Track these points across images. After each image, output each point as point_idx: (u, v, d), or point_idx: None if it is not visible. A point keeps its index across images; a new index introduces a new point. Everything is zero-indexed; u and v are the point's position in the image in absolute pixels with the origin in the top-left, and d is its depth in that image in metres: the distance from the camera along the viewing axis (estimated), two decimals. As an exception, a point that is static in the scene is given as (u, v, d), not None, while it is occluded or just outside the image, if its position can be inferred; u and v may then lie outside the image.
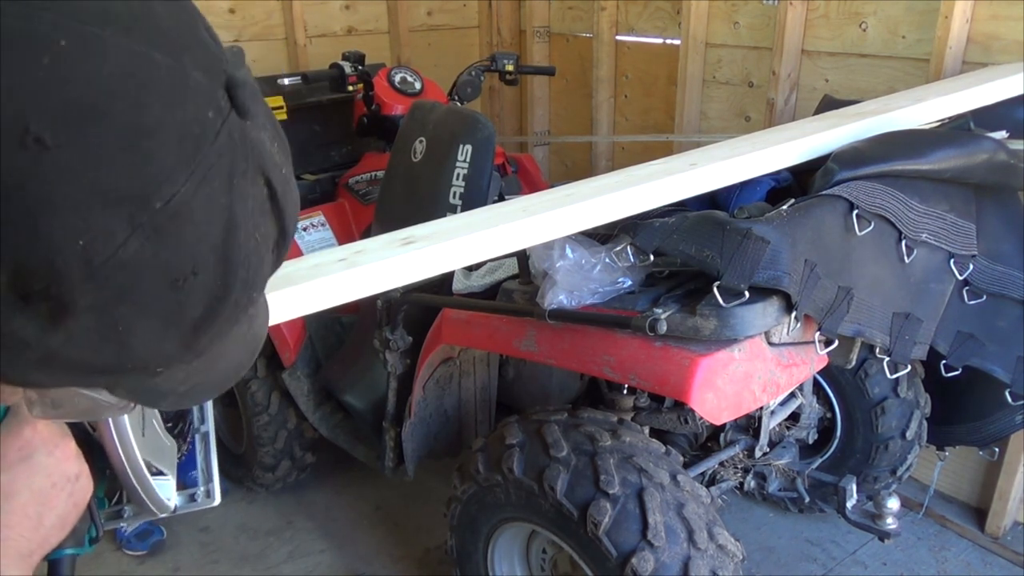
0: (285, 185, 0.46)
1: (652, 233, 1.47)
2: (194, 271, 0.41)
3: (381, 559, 2.44)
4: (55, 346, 0.39)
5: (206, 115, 0.40)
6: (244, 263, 0.43)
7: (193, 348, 0.45)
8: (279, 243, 0.48)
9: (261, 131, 0.44)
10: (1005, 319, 1.75)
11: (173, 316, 0.42)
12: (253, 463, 2.57)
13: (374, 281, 1.07)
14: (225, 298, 0.44)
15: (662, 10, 3.18)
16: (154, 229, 0.39)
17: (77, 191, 0.37)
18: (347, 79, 2.66)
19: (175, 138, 0.39)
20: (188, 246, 0.40)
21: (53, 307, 0.38)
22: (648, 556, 1.47)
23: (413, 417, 2.03)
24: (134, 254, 0.38)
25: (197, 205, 0.40)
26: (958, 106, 1.84)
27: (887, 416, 2.17)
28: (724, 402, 1.47)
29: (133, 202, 0.38)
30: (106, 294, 0.39)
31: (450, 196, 2.08)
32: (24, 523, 0.62)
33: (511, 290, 1.74)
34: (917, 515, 2.50)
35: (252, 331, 0.53)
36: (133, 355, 0.42)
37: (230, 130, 0.41)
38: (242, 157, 0.42)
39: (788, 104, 2.71)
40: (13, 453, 0.64)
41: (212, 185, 0.40)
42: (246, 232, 0.43)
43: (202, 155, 0.40)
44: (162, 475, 0.93)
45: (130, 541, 2.45)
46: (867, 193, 1.50)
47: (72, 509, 0.67)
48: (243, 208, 0.43)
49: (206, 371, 0.50)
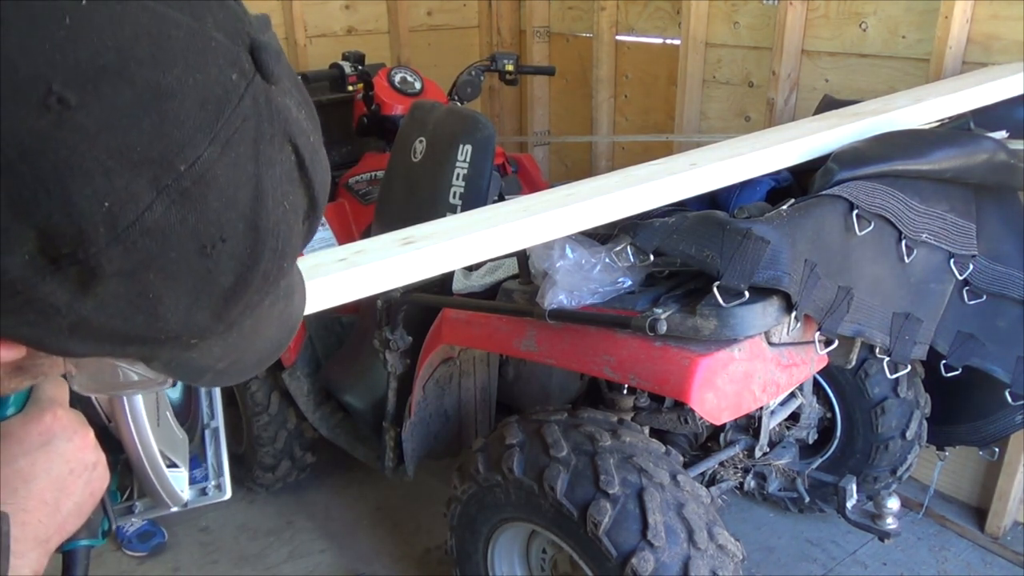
0: (313, 153, 0.46)
1: (652, 233, 1.47)
2: (222, 238, 0.41)
3: (381, 559, 2.44)
4: (86, 313, 0.39)
5: (229, 77, 0.40)
6: (273, 231, 0.43)
7: (224, 319, 0.44)
8: (309, 214, 0.47)
9: (287, 97, 0.44)
10: (1005, 319, 1.75)
11: (203, 284, 0.42)
12: (253, 463, 2.57)
13: (374, 281, 1.08)
14: (255, 267, 0.43)
15: (662, 10, 3.18)
16: (180, 193, 0.38)
17: (100, 152, 0.37)
18: (347, 79, 2.66)
19: (197, 100, 0.39)
20: (215, 212, 0.40)
21: (82, 272, 0.38)
22: (648, 556, 1.47)
23: (413, 417, 2.03)
24: (160, 218, 0.38)
25: (222, 170, 0.40)
26: (958, 106, 1.84)
27: (887, 416, 2.17)
28: (724, 402, 1.47)
29: (156, 164, 0.38)
30: (134, 259, 0.39)
31: (450, 196, 2.08)
32: (42, 508, 0.62)
33: (511, 290, 1.75)
34: (917, 515, 2.50)
35: (289, 308, 0.52)
36: (165, 325, 0.42)
37: (254, 94, 0.41)
38: (268, 122, 0.42)
39: (788, 104, 2.71)
40: (34, 438, 0.64)
41: (237, 150, 0.40)
42: (274, 199, 0.43)
43: (225, 118, 0.40)
44: (176, 467, 0.93)
45: (131, 542, 2.45)
46: (867, 193, 1.50)
47: (89, 498, 0.67)
48: (271, 175, 0.42)
49: (243, 348, 0.49)
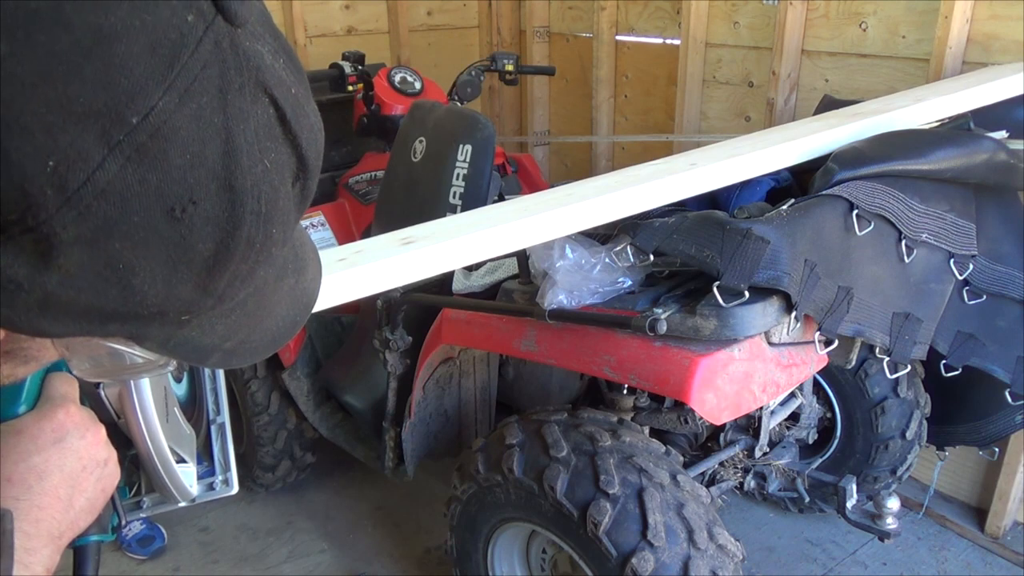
0: (297, 107, 0.42)
1: (652, 233, 1.47)
2: (192, 199, 0.37)
3: (381, 559, 2.44)
4: (51, 287, 0.37)
5: (184, 19, 0.36)
6: (253, 192, 0.40)
7: (211, 291, 0.41)
8: (299, 174, 0.43)
9: (258, 42, 0.40)
10: (1005, 319, 1.75)
11: (179, 252, 0.38)
12: (253, 463, 2.57)
13: (374, 281, 1.08)
14: (236, 232, 0.40)
15: (662, 10, 3.18)
16: (135, 149, 0.35)
17: (38, 105, 0.33)
18: (347, 79, 2.66)
19: (146, 44, 0.35)
20: (180, 170, 0.37)
21: (37, 240, 0.35)
22: (648, 556, 1.47)
23: (413, 417, 2.03)
24: (115, 178, 0.35)
25: (183, 122, 0.36)
26: (958, 106, 1.84)
27: (887, 416, 2.17)
28: (724, 402, 1.47)
29: (104, 117, 0.34)
30: (92, 225, 0.36)
31: (450, 196, 2.08)
32: (55, 504, 0.62)
33: (511, 290, 1.75)
34: (917, 515, 2.50)
35: (301, 284, 0.50)
36: (143, 298, 0.39)
37: (216, 38, 0.37)
38: (235, 69, 0.38)
39: (788, 104, 2.71)
40: (47, 435, 0.64)
41: (199, 100, 0.37)
42: (250, 156, 0.39)
43: (181, 64, 0.36)
44: (184, 462, 0.94)
45: (131, 546, 2.45)
46: (867, 193, 1.50)
47: (100, 494, 0.68)
48: (243, 129, 0.39)
49: (251, 327, 0.47)
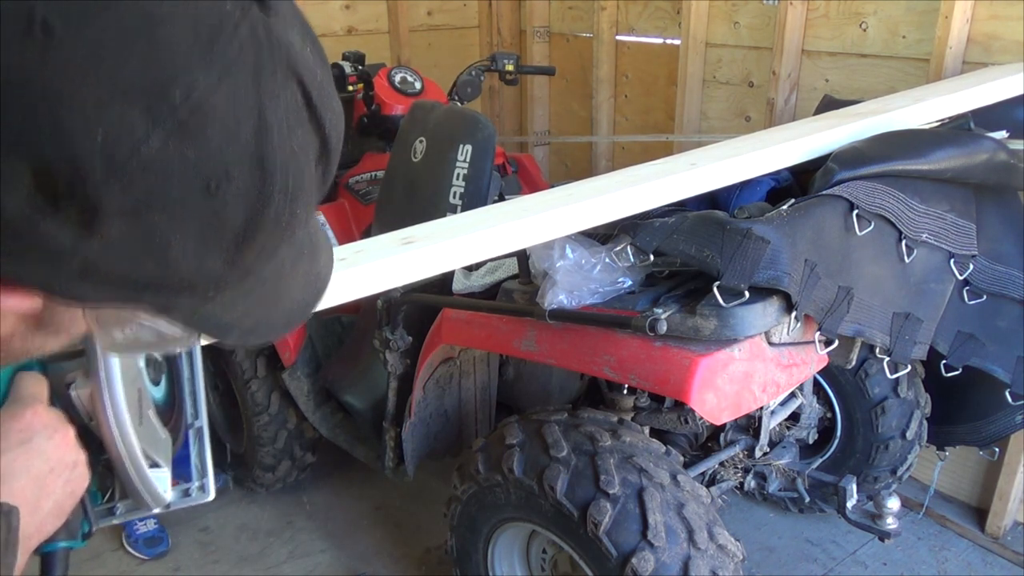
0: (322, 91, 0.45)
1: (652, 233, 1.47)
2: (227, 175, 0.40)
3: (381, 559, 2.44)
4: (92, 255, 0.39)
5: (223, 6, 0.39)
6: (282, 170, 0.42)
7: (238, 265, 0.43)
8: (322, 156, 0.46)
9: (289, 30, 0.43)
10: (1005, 319, 1.75)
11: (211, 226, 0.41)
12: (253, 463, 2.57)
13: (374, 281, 1.08)
14: (265, 208, 0.42)
15: (662, 10, 3.18)
16: (177, 125, 0.38)
17: (89, 81, 0.36)
18: (347, 79, 2.66)
19: (190, 27, 0.38)
20: (217, 146, 0.39)
21: (82, 210, 0.37)
22: (648, 556, 1.47)
23: (413, 417, 2.03)
24: (158, 152, 0.38)
25: (221, 100, 0.39)
26: (958, 106, 1.84)
27: (887, 416, 2.17)
28: (724, 402, 1.47)
29: (150, 93, 0.37)
30: (135, 197, 0.38)
31: (450, 196, 2.08)
32: (22, 507, 0.61)
33: (511, 290, 1.75)
34: (917, 515, 2.50)
35: (315, 269, 0.52)
36: (176, 270, 0.41)
37: (252, 24, 0.40)
38: (268, 53, 0.41)
39: (788, 104, 2.71)
40: (13, 435, 0.64)
41: (236, 79, 0.39)
42: (280, 135, 0.42)
43: (220, 46, 0.39)
44: (158, 467, 0.92)
45: (138, 543, 2.46)
46: (867, 193, 1.50)
47: (68, 497, 0.67)
48: (274, 109, 0.41)
49: (268, 307, 0.49)
